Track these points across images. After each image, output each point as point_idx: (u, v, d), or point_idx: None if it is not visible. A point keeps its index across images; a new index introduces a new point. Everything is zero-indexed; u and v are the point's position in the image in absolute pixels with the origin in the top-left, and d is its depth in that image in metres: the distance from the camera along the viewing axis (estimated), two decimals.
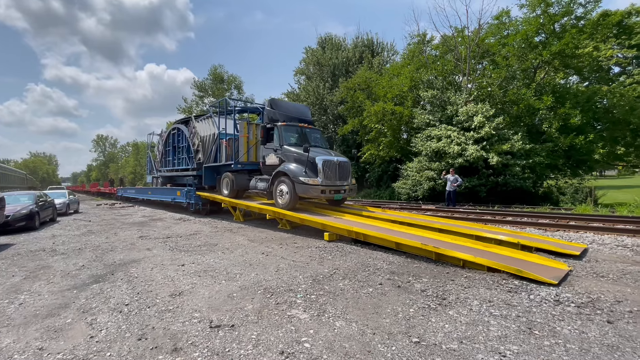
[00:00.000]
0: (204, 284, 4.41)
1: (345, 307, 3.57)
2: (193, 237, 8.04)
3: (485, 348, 2.73)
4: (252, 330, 3.07)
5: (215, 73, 42.96)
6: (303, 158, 8.50)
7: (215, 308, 3.60)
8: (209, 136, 12.30)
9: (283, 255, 6.00)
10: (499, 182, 15.99)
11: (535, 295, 3.88)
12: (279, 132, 9.40)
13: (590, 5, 17.94)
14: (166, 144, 15.72)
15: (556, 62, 18.50)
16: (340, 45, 33.25)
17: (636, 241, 6.63)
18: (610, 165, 29.37)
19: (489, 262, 4.76)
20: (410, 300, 3.75)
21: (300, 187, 8.28)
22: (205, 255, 6.07)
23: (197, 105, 43.33)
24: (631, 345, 2.76)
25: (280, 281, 4.48)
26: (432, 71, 21.14)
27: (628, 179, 43.84)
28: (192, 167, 13.16)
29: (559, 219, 9.73)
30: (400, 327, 3.11)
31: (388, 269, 5.05)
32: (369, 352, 2.68)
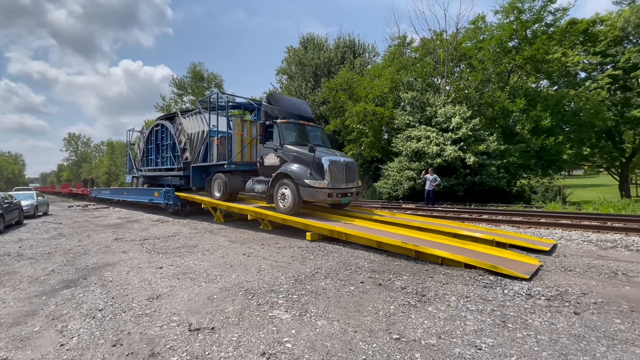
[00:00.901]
0: (183, 287, 4.31)
1: (327, 306, 3.59)
2: (172, 239, 7.83)
3: (463, 342, 2.82)
4: (232, 332, 3.03)
5: (195, 71, 42.02)
6: (307, 158, 7.87)
7: (194, 311, 3.52)
8: (197, 133, 11.62)
9: (265, 255, 5.95)
10: (476, 181, 16.55)
11: (509, 289, 4.04)
12: (279, 129, 8.68)
13: (559, 13, 18.87)
14: (148, 142, 14.80)
15: (528, 67, 19.34)
16: (322, 45, 33.34)
17: (600, 237, 7.03)
18: (577, 165, 31.04)
19: (466, 259, 4.91)
20: (390, 298, 3.81)
21: (305, 191, 7.66)
22: (185, 257, 5.93)
23: (175, 104, 42.23)
24: (596, 335, 2.92)
25: (262, 282, 4.44)
26: (412, 73, 21.58)
27: (593, 178, 46.47)
28: (178, 166, 12.43)
29: (531, 217, 10.18)
30: (381, 324, 3.16)
31: (369, 267, 5.11)
32: (351, 350, 2.70)
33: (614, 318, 3.25)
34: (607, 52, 22.30)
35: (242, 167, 10.04)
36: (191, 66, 42.22)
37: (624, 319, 3.24)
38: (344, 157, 8.55)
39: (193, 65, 42.15)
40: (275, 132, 8.77)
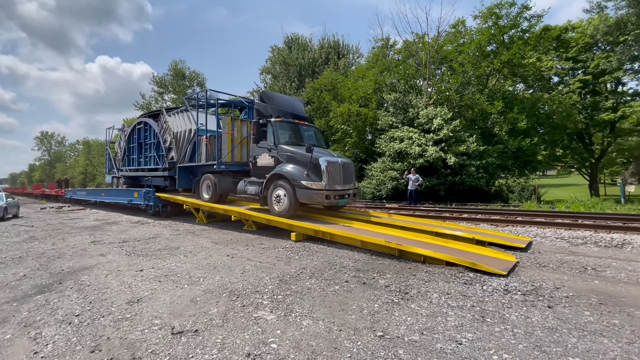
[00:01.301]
0: (164, 289, 4.22)
1: (312, 306, 3.60)
2: (152, 241, 7.63)
3: (444, 337, 2.90)
4: (216, 334, 3.00)
5: (177, 69, 41.10)
6: (304, 159, 7.59)
7: (177, 314, 3.46)
8: (183, 132, 11.16)
9: (249, 256, 5.91)
10: (456, 181, 17.01)
11: (488, 286, 4.18)
12: (273, 129, 8.37)
13: (533, 20, 19.67)
14: (130, 140, 14.11)
15: (505, 71, 20.07)
16: (307, 45, 33.35)
17: (572, 234, 7.39)
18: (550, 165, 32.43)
19: (447, 256, 5.05)
20: (374, 296, 3.87)
21: (302, 192, 7.39)
22: (166, 260, 5.79)
23: (156, 102, 41.15)
24: (567, 327, 3.08)
25: (247, 283, 4.40)
26: (395, 75, 21.93)
27: (566, 178, 48.68)
28: (162, 166, 11.89)
29: (508, 215, 10.56)
30: (365, 322, 3.20)
31: (354, 266, 5.17)
32: (336, 348, 2.73)
33: (584, 310, 3.43)
34: (578, 57, 23.41)
35: (233, 167, 9.69)
36: (172, 64, 41.31)
37: (593, 311, 3.42)
38: (341, 157, 8.36)
39: (174, 63, 41.24)
40: (269, 132, 8.47)
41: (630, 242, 6.44)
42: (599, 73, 22.44)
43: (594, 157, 25.38)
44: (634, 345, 2.73)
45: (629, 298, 3.76)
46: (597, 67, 22.24)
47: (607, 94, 23.43)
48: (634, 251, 6.01)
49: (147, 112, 15.15)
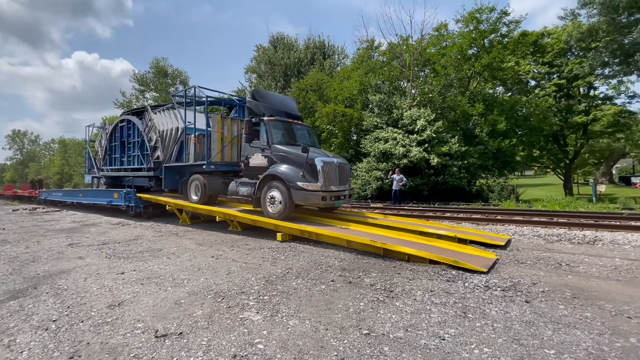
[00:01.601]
0: (147, 292, 4.12)
1: (299, 306, 3.61)
2: (134, 243, 7.43)
3: (428, 334, 2.97)
4: (202, 336, 2.96)
5: (158, 66, 40.15)
6: (299, 159, 7.44)
7: (161, 316, 3.39)
8: (170, 131, 10.74)
9: (234, 257, 5.85)
10: (439, 181, 17.40)
11: (469, 282, 4.31)
12: (266, 128, 8.14)
13: (512, 25, 20.35)
14: (112, 139, 13.49)
15: (486, 74, 20.67)
16: (292, 45, 33.29)
17: (548, 231, 7.70)
18: (528, 166, 33.65)
19: (430, 255, 5.16)
20: (360, 295, 3.92)
21: (298, 194, 7.22)
22: (149, 262, 5.66)
23: (137, 100, 40.07)
24: (543, 320, 3.21)
25: (232, 284, 4.36)
26: (379, 76, 22.20)
27: (542, 178, 50.62)
28: (147, 166, 11.42)
29: (489, 214, 10.90)
30: (351, 320, 3.24)
31: (340, 265, 5.21)
32: (322, 347, 2.75)
33: (559, 304, 3.59)
34: (553, 62, 24.41)
35: (223, 167, 9.38)
36: (154, 61, 40.34)
37: (567, 305, 3.59)
38: (337, 157, 8.24)
39: (156, 61, 40.33)
40: (262, 131, 8.22)
41: (601, 238, 6.78)
42: (573, 77, 23.47)
43: (568, 158, 26.52)
44: (604, 337, 2.88)
45: (599, 292, 3.96)
46: (570, 72, 23.26)
47: (580, 98, 24.55)
48: (605, 247, 6.32)
49: (130, 109, 14.61)
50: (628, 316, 3.28)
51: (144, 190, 11.99)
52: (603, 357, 2.57)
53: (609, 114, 23.11)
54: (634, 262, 5.22)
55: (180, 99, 11.13)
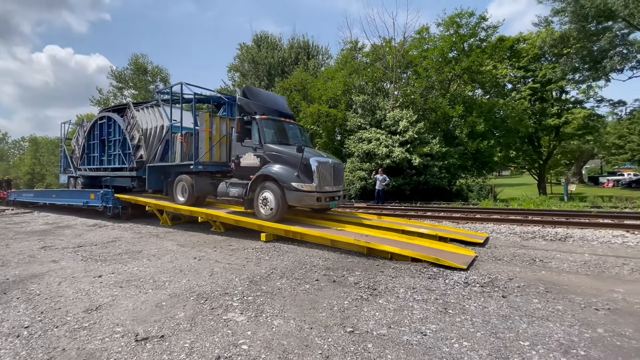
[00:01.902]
0: (126, 295, 4.01)
1: (283, 305, 3.61)
2: (112, 245, 7.20)
3: (410, 330, 3.04)
4: (184, 338, 2.91)
5: (138, 63, 38.95)
6: (293, 159, 7.24)
7: (141, 320, 3.31)
8: (154, 129, 10.35)
9: (217, 258, 5.77)
10: (421, 181, 17.78)
11: (450, 279, 4.44)
12: (259, 127, 7.89)
13: (490, 30, 21.05)
14: (90, 137, 12.83)
15: (465, 76, 21.28)
16: (276, 44, 33.10)
17: (523, 229, 8.02)
18: (505, 166, 34.89)
19: (412, 253, 5.28)
20: (344, 293, 3.96)
21: (292, 195, 7.00)
22: (128, 264, 5.50)
23: (115, 98, 38.75)
24: (519, 314, 3.36)
25: (215, 285, 4.31)
26: (363, 77, 22.44)
27: (518, 178, 52.56)
28: (129, 166, 10.94)
29: (468, 213, 11.23)
30: (335, 319, 3.27)
31: (324, 265, 5.24)
32: (307, 346, 2.77)
33: (533, 299, 3.76)
34: (528, 67, 25.43)
35: (211, 167, 9.08)
36: (133, 58, 39.08)
37: (540, 298, 3.76)
38: (331, 157, 8.08)
39: (135, 57, 39.07)
40: (254, 130, 7.98)
41: (572, 235, 7.13)
42: (546, 82, 24.53)
43: (542, 158, 27.69)
44: (574, 328, 3.04)
45: (570, 286, 4.17)
46: (544, 77, 24.30)
47: (552, 101, 25.69)
48: (575, 244, 6.66)
49: (109, 106, 13.94)
50: (596, 308, 3.47)
51: (125, 191, 11.59)
52: (573, 347, 2.71)
53: (579, 117, 24.32)
54: (601, 257, 5.52)
55: (166, 96, 10.72)
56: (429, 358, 2.57)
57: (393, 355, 2.62)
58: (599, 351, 2.65)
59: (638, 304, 3.57)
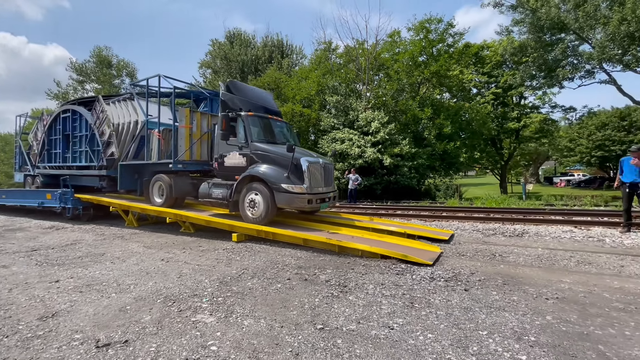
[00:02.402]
0: (87, 300, 3.81)
1: (254, 305, 3.60)
2: (71, 248, 6.77)
3: (378, 324, 3.15)
4: (150, 342, 2.83)
5: (101, 55, 36.70)
6: (283, 159, 6.92)
7: (103, 325, 3.16)
8: (127, 124, 9.67)
9: (186, 260, 5.61)
10: (391, 180, 18.29)
11: (416, 275, 4.63)
12: (245, 124, 7.47)
13: (457, 36, 22.05)
14: (51, 131, 11.76)
15: (434, 80, 22.13)
16: (250, 42, 32.59)
17: (485, 226, 8.51)
18: (470, 166, 36.70)
19: (382, 250, 5.44)
20: (315, 291, 4.01)
21: (282, 197, 6.70)
22: (89, 268, 5.21)
23: (75, 92, 36.30)
24: (479, 306, 3.57)
25: (184, 287, 4.20)
26: (336, 78, 22.68)
27: (482, 178, 55.47)
28: (98, 164, 10.12)
29: (435, 211, 11.71)
30: (306, 317, 3.31)
31: (296, 264, 5.26)
32: (277, 344, 2.78)
33: (492, 291, 4.01)
34: (491, 73, 26.92)
35: (192, 167, 8.62)
36: (96, 49, 36.77)
37: (498, 290, 4.02)
38: (321, 157, 7.79)
39: (98, 49, 36.79)
40: (239, 127, 7.55)
41: (528, 231, 7.67)
42: (507, 87, 26.10)
43: (504, 159, 29.43)
44: (526, 316, 3.29)
45: (525, 278, 4.50)
46: (505, 82, 25.85)
47: (513, 106, 27.38)
48: (530, 239, 7.16)
49: (74, 99, 12.75)
50: (546, 297, 3.78)
51: (93, 191, 10.88)
52: (525, 333, 2.94)
53: (535, 122, 26.13)
54: (552, 251, 5.99)
55: (142, 89, 10.01)
56: (395, 351, 2.68)
57: (361, 349, 2.70)
58: (547, 336, 2.89)
59: (582, 292, 3.93)
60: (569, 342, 2.80)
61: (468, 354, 2.62)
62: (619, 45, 16.27)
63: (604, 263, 5.19)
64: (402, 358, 2.58)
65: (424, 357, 2.59)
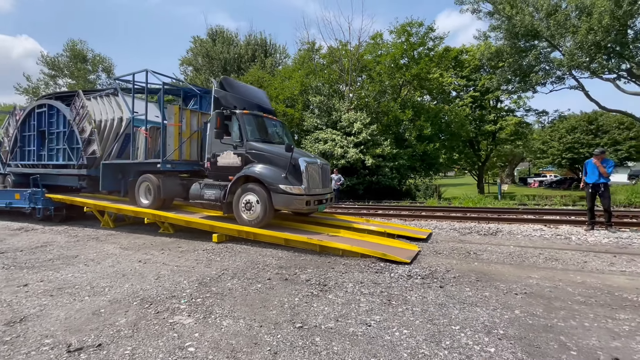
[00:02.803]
0: (58, 304, 3.68)
1: (233, 306, 3.59)
2: (41, 250, 6.49)
3: (356, 322, 3.22)
4: (125, 345, 2.78)
5: (75, 49, 35.19)
6: (281, 159, 6.72)
7: (75, 329, 3.07)
8: (110, 121, 9.19)
9: (165, 261, 5.51)
10: (373, 180, 18.55)
11: (395, 273, 4.74)
12: (240, 122, 7.26)
13: (437, 40, 22.61)
14: (25, 127, 11.07)
15: (415, 83, 22.60)
16: (232, 40, 32.18)
17: (462, 225, 8.80)
18: (449, 167, 37.73)
19: (362, 249, 5.54)
20: (295, 291, 4.05)
21: (280, 198, 6.48)
22: (61, 271, 5.02)
23: (46, 87, 34.68)
24: (453, 302, 3.72)
25: (162, 289, 4.13)
26: (320, 78, 22.76)
27: (461, 179, 57.08)
28: (78, 163, 9.61)
29: (415, 211, 11.99)
30: (285, 316, 3.34)
31: (277, 264, 5.27)
32: (256, 344, 2.80)
33: (465, 287, 4.17)
34: (470, 76, 27.76)
35: (181, 166, 8.27)
36: (70, 43, 35.21)
37: (471, 287, 4.19)
38: (318, 158, 7.66)
39: (72, 43, 35.24)
40: (234, 125, 7.32)
41: (501, 230, 8.00)
42: (485, 91, 27.00)
43: (481, 161, 30.42)
44: (497, 311, 3.46)
45: (497, 275, 4.71)
46: (483, 86, 26.71)
47: (490, 109, 28.35)
48: (503, 237, 7.47)
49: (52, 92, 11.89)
50: (515, 293, 3.97)
51: (71, 192, 10.39)
52: (494, 327, 3.09)
53: (511, 124, 27.15)
54: (523, 249, 6.28)
55: (127, 85, 9.52)
56: (372, 347, 2.76)
57: (339, 346, 2.76)
58: (515, 329, 3.05)
59: (548, 287, 4.16)
60: (534, 334, 2.97)
61: (441, 348, 2.73)
62: (587, 53, 17.19)
63: (569, 259, 5.50)
64: (378, 354, 2.65)
65: (399, 352, 2.68)
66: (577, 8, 17.76)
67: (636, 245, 6.50)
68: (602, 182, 7.64)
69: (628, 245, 6.52)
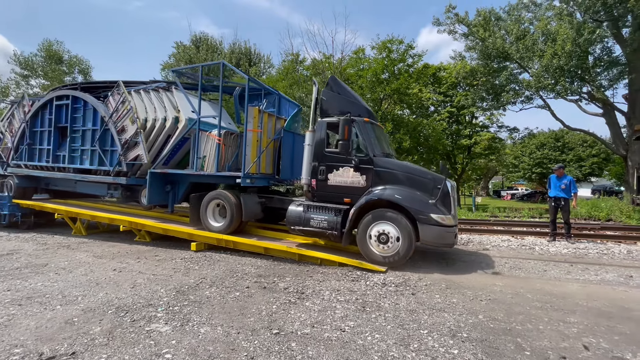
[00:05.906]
0: (28, 314, 3.60)
1: (211, 314, 3.64)
2: (7, 258, 6.22)
3: (331, 328, 3.36)
4: (100, 353, 2.78)
5: (50, 50, 33.95)
6: (425, 181, 5.62)
7: (47, 338, 3.03)
8: (161, 121, 7.74)
9: (141, 269, 5.44)
10: None
11: (370, 281, 4.92)
12: (363, 132, 6.03)
13: (416, 58, 23.59)
14: (37, 121, 9.41)
15: (395, 97, 23.36)
16: (217, 47, 32.14)
17: None
18: None
19: (339, 258, 5.69)
20: (273, 298, 4.14)
21: (430, 230, 5.28)
22: (29, 279, 4.86)
23: (18, 87, 33.16)
24: (423, 308, 3.93)
25: (138, 297, 4.11)
26: (303, 89, 23.09)
27: None
28: (114, 168, 8.09)
29: None
30: (263, 323, 3.43)
31: (256, 272, 5.33)
32: (233, 349, 2.88)
33: (435, 294, 4.41)
34: (447, 93, 29.01)
35: (259, 182, 7.10)
36: (45, 42, 33.93)
37: (441, 294, 4.43)
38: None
39: (48, 43, 33.98)
40: (360, 136, 6.05)
41: (472, 240, 8.39)
42: (461, 107, 28.25)
43: (457, 173, 31.55)
44: (462, 316, 3.69)
45: (464, 282, 4.98)
46: (459, 102, 27.97)
47: (465, 124, 29.64)
48: (474, 247, 7.85)
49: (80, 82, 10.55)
50: (481, 299, 4.24)
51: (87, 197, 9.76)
52: (459, 331, 3.31)
53: (485, 139, 28.47)
54: (491, 258, 6.64)
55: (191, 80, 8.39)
56: (345, 351, 2.90)
57: (314, 351, 2.88)
58: (477, 332, 3.28)
59: (510, 294, 4.46)
60: (494, 336, 3.21)
61: (409, 351, 2.91)
62: (552, 76, 18.48)
63: (531, 268, 5.89)
64: (350, 357, 2.80)
65: (370, 355, 2.83)
66: (543, 34, 19.13)
67: (591, 255, 7.03)
68: (562, 197, 8.23)
69: (584, 255, 7.04)
